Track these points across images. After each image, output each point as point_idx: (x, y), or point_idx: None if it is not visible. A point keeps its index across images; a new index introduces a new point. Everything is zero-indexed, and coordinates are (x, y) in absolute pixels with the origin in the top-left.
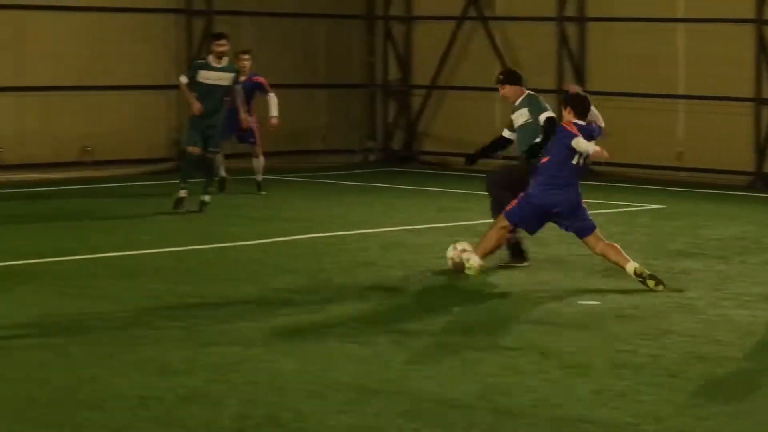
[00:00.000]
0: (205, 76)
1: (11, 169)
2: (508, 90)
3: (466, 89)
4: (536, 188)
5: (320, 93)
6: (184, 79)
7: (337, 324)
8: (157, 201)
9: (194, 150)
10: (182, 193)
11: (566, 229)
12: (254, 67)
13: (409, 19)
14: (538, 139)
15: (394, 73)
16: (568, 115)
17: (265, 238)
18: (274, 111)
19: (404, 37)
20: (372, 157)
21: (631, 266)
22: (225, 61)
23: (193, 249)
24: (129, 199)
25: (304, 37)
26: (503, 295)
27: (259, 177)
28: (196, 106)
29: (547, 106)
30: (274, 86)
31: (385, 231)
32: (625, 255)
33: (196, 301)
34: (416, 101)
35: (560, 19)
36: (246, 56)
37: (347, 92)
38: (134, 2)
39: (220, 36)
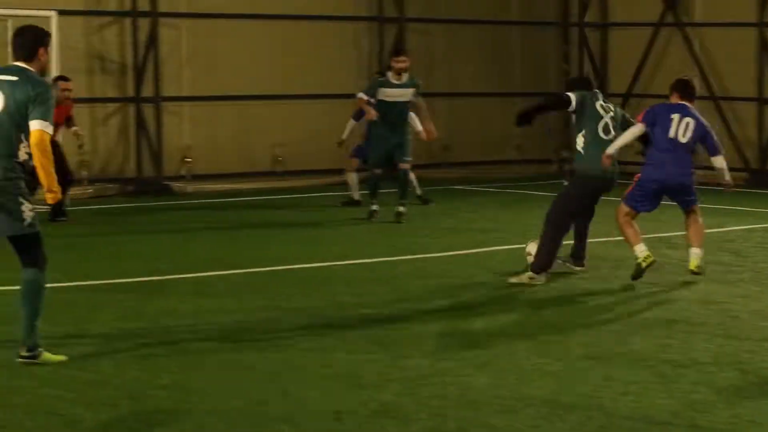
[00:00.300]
0: (386, 94)
1: (202, 178)
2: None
3: (663, 97)
4: (644, 167)
5: (515, 101)
6: (363, 96)
7: (530, 337)
8: (349, 211)
9: (377, 171)
10: (374, 207)
11: (682, 205)
12: (447, 75)
13: (604, 26)
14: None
15: None
16: (675, 99)
17: (458, 250)
18: (418, 125)
19: (600, 44)
20: (567, 167)
21: (640, 251)
22: (405, 77)
23: (384, 260)
24: (320, 210)
25: (497, 45)
26: (701, 307)
27: (418, 190)
28: (372, 114)
29: (581, 97)
30: (467, 95)
31: None
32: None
33: (386, 313)
34: None
35: (761, 25)
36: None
37: None
38: (326, 10)
39: (399, 52)
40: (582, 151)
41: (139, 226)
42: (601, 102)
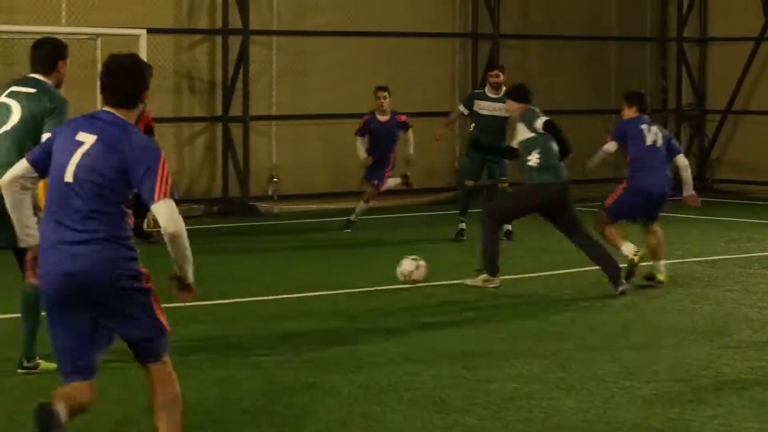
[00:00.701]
0: (481, 106)
1: (290, 198)
2: (509, 105)
3: (764, 114)
4: (632, 178)
5: (611, 119)
6: (463, 109)
7: (617, 360)
8: (439, 231)
9: (468, 183)
10: (461, 225)
11: (652, 217)
12: (542, 92)
13: (703, 41)
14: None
15: (687, 97)
16: (633, 113)
17: (546, 271)
18: (411, 149)
19: (699, 59)
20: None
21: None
22: (502, 92)
23: (457, 283)
24: (412, 230)
25: (593, 61)
26: None
27: (354, 217)
28: (439, 132)
29: (542, 115)
30: (561, 112)
31: (673, 263)
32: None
33: (471, 335)
34: (711, 127)
35: None
36: (384, 93)
37: None
38: (418, 27)
39: (493, 66)
40: (538, 166)
41: (224, 247)
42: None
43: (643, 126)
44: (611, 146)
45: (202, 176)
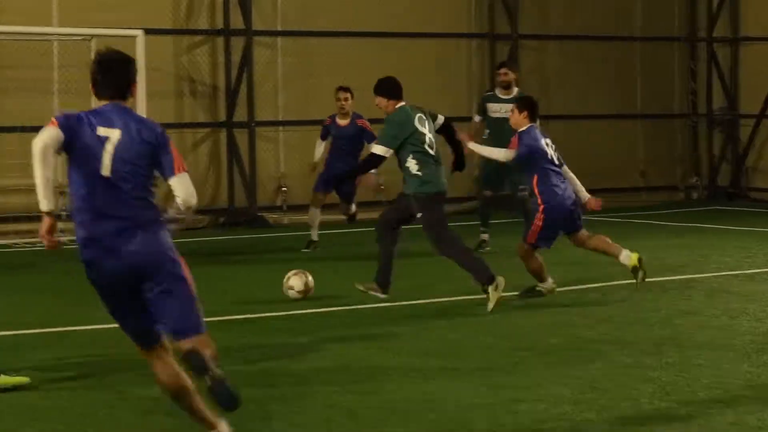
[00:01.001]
0: (493, 109)
1: (300, 209)
2: (378, 101)
3: None
4: (547, 199)
5: (637, 124)
6: (477, 118)
7: (652, 380)
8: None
9: (487, 193)
10: (483, 236)
11: (574, 229)
12: (562, 95)
13: (735, 41)
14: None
15: (719, 100)
16: (524, 119)
17: (577, 285)
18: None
19: (730, 60)
20: (695, 195)
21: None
22: (514, 92)
23: (477, 298)
24: (426, 241)
25: (618, 62)
26: None
27: (314, 235)
28: (467, 150)
29: (394, 130)
30: (584, 117)
31: (709, 276)
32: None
33: (497, 355)
34: (744, 132)
35: None
36: (345, 94)
37: (667, 123)
38: (433, 27)
39: (501, 64)
40: (419, 173)
41: (232, 260)
42: (419, 114)
43: (544, 140)
44: (510, 154)
45: (206, 186)
